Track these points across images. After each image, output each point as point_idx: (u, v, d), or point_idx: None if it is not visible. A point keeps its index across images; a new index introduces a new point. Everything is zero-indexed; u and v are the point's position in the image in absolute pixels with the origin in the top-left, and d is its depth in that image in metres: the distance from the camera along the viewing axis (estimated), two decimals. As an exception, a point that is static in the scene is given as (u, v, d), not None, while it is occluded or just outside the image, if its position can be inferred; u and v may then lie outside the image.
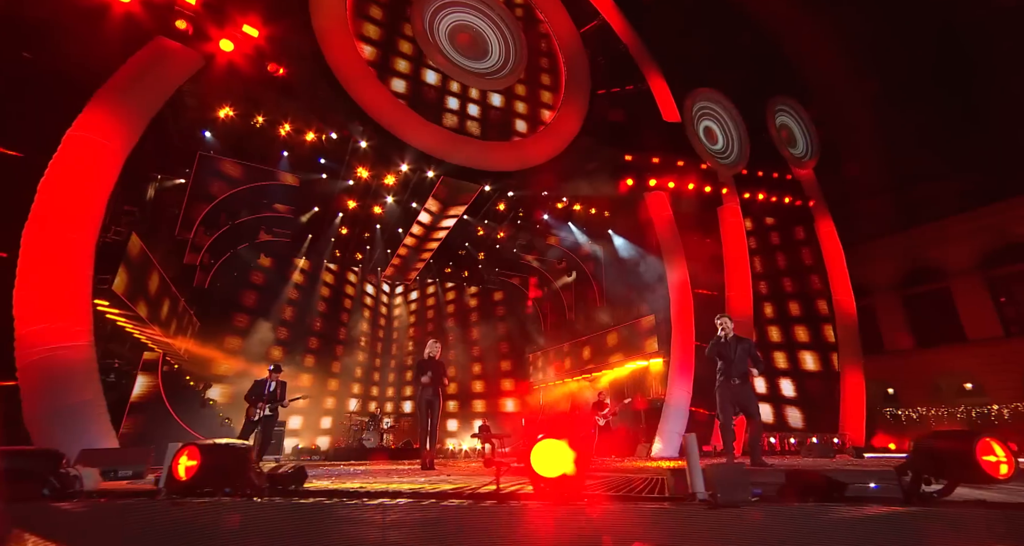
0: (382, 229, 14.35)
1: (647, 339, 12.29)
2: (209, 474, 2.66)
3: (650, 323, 12.35)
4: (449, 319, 17.54)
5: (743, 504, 2.21)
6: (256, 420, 6.80)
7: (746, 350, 5.63)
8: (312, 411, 14.17)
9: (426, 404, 6.54)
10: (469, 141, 11.52)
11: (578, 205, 13.92)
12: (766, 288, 15.89)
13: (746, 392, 5.53)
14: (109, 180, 8.06)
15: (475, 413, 16.24)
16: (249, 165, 11.35)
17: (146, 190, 10.01)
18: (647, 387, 12.36)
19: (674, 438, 10.27)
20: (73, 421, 6.78)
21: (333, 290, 16.18)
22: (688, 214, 13.91)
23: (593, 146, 13.37)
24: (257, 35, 9.78)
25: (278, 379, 7.20)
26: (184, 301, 12.19)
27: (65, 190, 7.54)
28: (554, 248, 15.38)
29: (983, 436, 2.39)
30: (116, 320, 9.05)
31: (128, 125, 8.40)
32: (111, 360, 8.83)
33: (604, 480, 3.70)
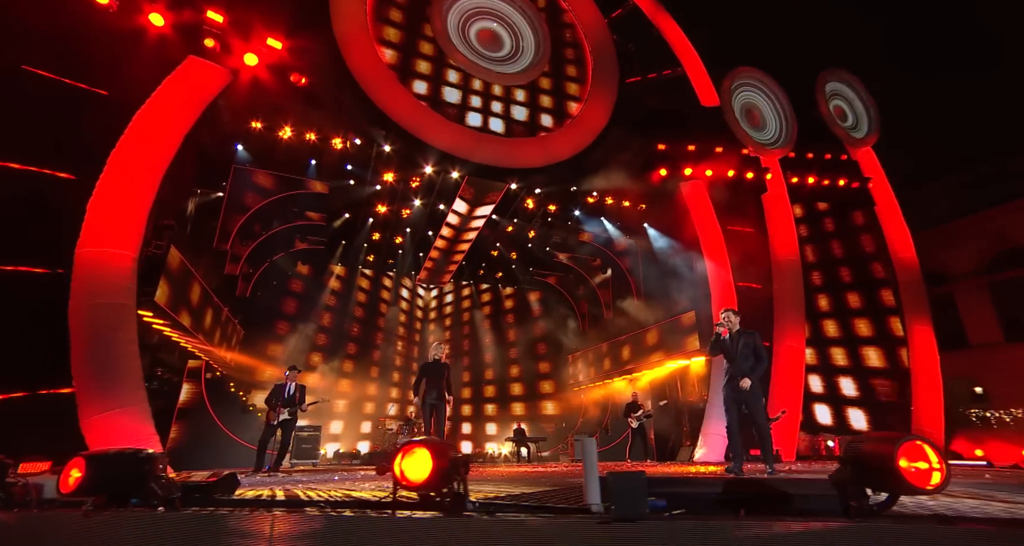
0: (412, 232, 14.68)
1: (688, 337, 11.93)
2: (97, 485, 2.66)
3: (691, 320, 11.98)
4: (485, 321, 17.70)
5: (639, 518, 2.01)
6: (275, 424, 7.09)
7: (749, 345, 5.32)
8: (352, 415, 14.69)
9: (430, 408, 6.61)
10: (492, 139, 11.60)
11: (610, 199, 13.71)
12: (820, 279, 15.06)
13: (751, 391, 5.22)
14: (149, 196, 8.70)
15: (514, 416, 16.29)
16: (280, 175, 11.93)
17: (186, 205, 10.74)
18: (689, 387, 12.01)
19: (719, 441, 9.92)
20: (121, 428, 7.37)
21: (369, 295, 16.72)
22: (729, 203, 13.40)
23: (623, 137, 13.14)
24: (280, 47, 10.29)
25: (297, 382, 7.48)
26: (228, 310, 12.97)
27: (110, 208, 8.19)
28: (587, 245, 15.21)
29: (910, 439, 2.12)
30: (162, 330, 9.75)
31: (165, 143, 9.04)
32: (157, 369, 9.50)
33: (542, 490, 3.52)
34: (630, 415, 11.13)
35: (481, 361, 17.12)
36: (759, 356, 5.29)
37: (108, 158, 8.43)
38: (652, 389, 13.55)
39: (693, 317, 11.89)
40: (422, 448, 2.47)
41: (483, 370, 17.13)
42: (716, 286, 11.98)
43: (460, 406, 16.65)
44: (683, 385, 12.30)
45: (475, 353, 17.14)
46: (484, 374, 17.15)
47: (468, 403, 16.75)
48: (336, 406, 14.74)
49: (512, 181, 11.86)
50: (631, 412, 11.14)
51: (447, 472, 2.43)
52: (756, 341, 5.34)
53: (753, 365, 5.25)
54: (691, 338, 11.79)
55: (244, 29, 10.00)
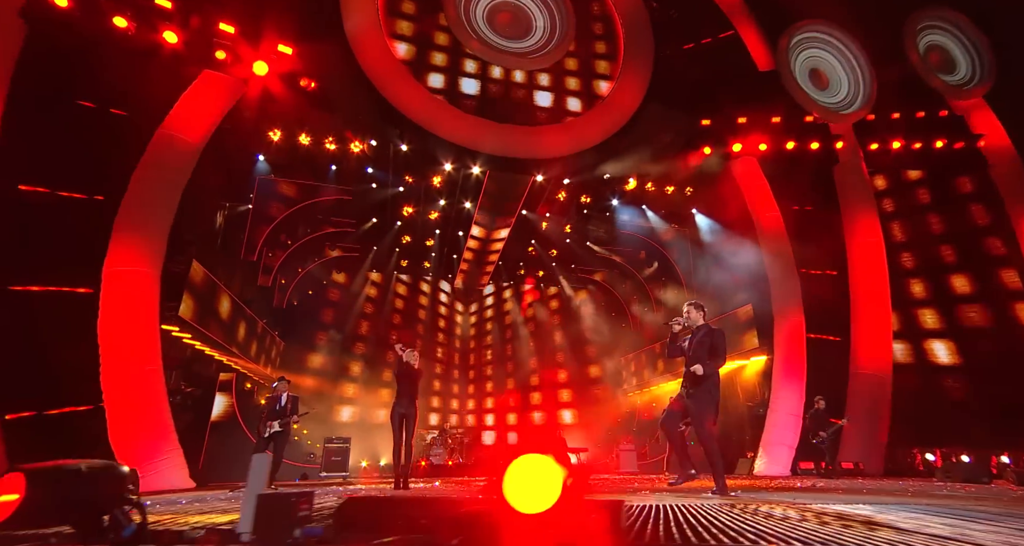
0: (441, 234, 14.82)
1: (745, 333, 11.12)
2: (41, 510, 2.12)
3: (748, 314, 11.17)
4: (529, 324, 17.54)
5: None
6: (267, 437, 7.31)
7: (704, 344, 4.76)
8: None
9: (399, 417, 6.52)
10: (513, 128, 11.43)
11: (651, 185, 13.09)
12: (913, 261, 13.51)
13: (696, 394, 4.65)
14: (170, 213, 9.36)
15: (563, 425, 15.98)
16: (302, 183, 12.44)
17: (214, 218, 11.46)
18: (749, 390, 11.19)
19: (782, 452, 9.14)
20: (145, 441, 7.95)
21: (406, 301, 17.07)
22: (790, 180, 12.40)
23: (662, 115, 12.51)
24: (291, 52, 10.71)
25: (288, 393, 7.69)
26: (265, 323, 13.71)
27: (133, 226, 8.87)
28: (629, 237, 14.63)
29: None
30: (193, 344, 10.44)
31: (184, 159, 9.67)
32: (188, 382, 10.17)
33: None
34: None
35: (525, 366, 16.97)
36: (714, 353, 4.74)
37: (131, 178, 9.13)
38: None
39: (750, 311, 11.08)
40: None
41: (528, 376, 16.96)
42: (777, 275, 11.10)
43: (504, 414, 16.58)
44: (742, 388, 11.48)
45: (518, 358, 17.01)
46: (529, 380, 16.97)
47: (514, 411, 16.66)
48: (376, 417, 15.16)
49: (537, 172, 11.63)
50: None
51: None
52: (715, 339, 4.79)
53: (702, 358, 4.72)
54: (749, 335, 10.98)
55: (255, 38, 10.49)
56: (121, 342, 8.24)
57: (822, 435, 8.63)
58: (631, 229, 14.22)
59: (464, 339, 17.79)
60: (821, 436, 8.63)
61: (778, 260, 11.16)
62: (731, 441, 10.65)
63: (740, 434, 10.69)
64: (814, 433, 8.76)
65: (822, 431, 8.64)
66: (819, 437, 8.66)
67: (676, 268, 14.08)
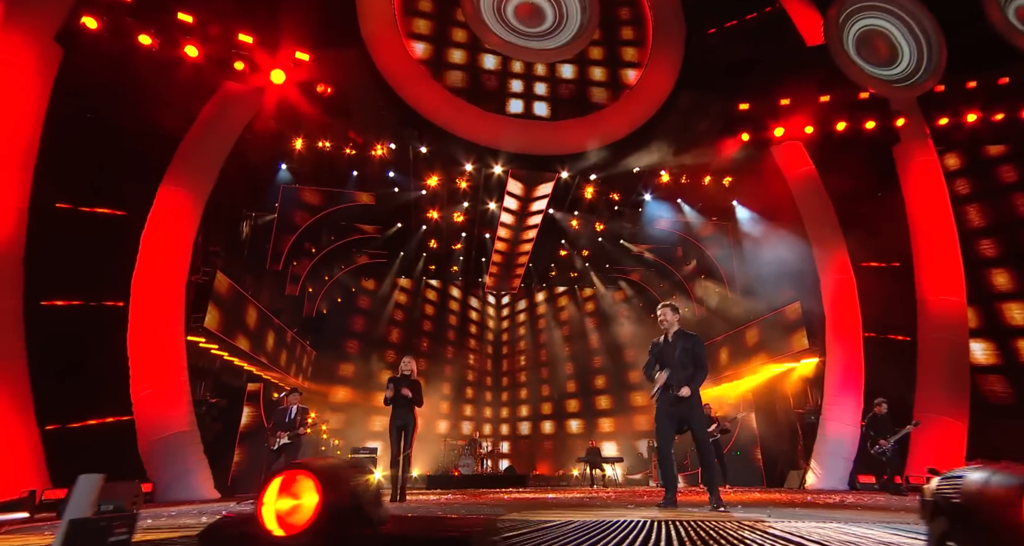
0: (468, 238, 14.79)
1: (794, 334, 10.47)
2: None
3: (796, 313, 10.51)
4: (563, 328, 17.25)
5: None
6: (276, 449, 7.41)
7: (688, 351, 4.64)
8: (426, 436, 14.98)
9: (398, 428, 6.45)
10: (534, 125, 11.25)
11: (685, 177, 12.58)
12: (995, 249, 12.34)
13: (689, 405, 4.53)
14: (194, 225, 9.72)
15: (602, 433, 15.59)
16: (325, 190, 12.69)
17: (240, 228, 11.85)
18: (799, 395, 10.51)
19: (837, 464, 8.50)
20: (172, 452, 8.24)
21: (437, 307, 17.16)
22: (841, 164, 11.62)
23: (696, 101, 12.02)
24: (308, 59, 10.93)
25: (299, 405, 7.77)
26: (295, 332, 14.08)
27: (159, 240, 9.25)
28: (665, 233, 14.11)
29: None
30: (222, 355, 10.81)
31: (206, 172, 10.02)
32: (216, 393, 10.52)
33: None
34: None
35: (561, 372, 16.68)
36: (699, 364, 4.65)
37: (156, 192, 9.54)
38: (756, 398, 12.10)
39: (798, 309, 10.43)
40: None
41: (564, 382, 16.67)
42: (828, 269, 10.40)
43: (541, 423, 16.36)
44: (792, 392, 10.80)
45: (554, 364, 16.74)
46: (566, 387, 16.67)
47: (550, 419, 16.40)
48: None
49: (561, 169, 11.38)
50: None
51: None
52: (696, 346, 4.70)
53: (692, 374, 4.62)
54: (798, 335, 10.33)
55: (272, 47, 10.76)
56: (149, 354, 8.60)
57: (883, 444, 7.88)
58: (666, 225, 13.73)
59: (496, 345, 17.68)
60: (882, 445, 7.88)
61: (829, 253, 10.45)
62: (780, 452, 10.03)
63: (790, 444, 10.04)
64: (873, 441, 8.03)
65: (883, 439, 7.89)
66: (879, 446, 7.91)
67: (716, 264, 13.46)
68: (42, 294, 8.41)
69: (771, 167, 11.60)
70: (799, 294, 10.57)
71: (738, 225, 12.61)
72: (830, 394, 9.38)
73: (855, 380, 9.39)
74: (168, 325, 8.90)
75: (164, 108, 9.94)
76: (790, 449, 10.07)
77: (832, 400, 9.23)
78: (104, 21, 9.67)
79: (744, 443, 11.92)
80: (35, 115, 8.87)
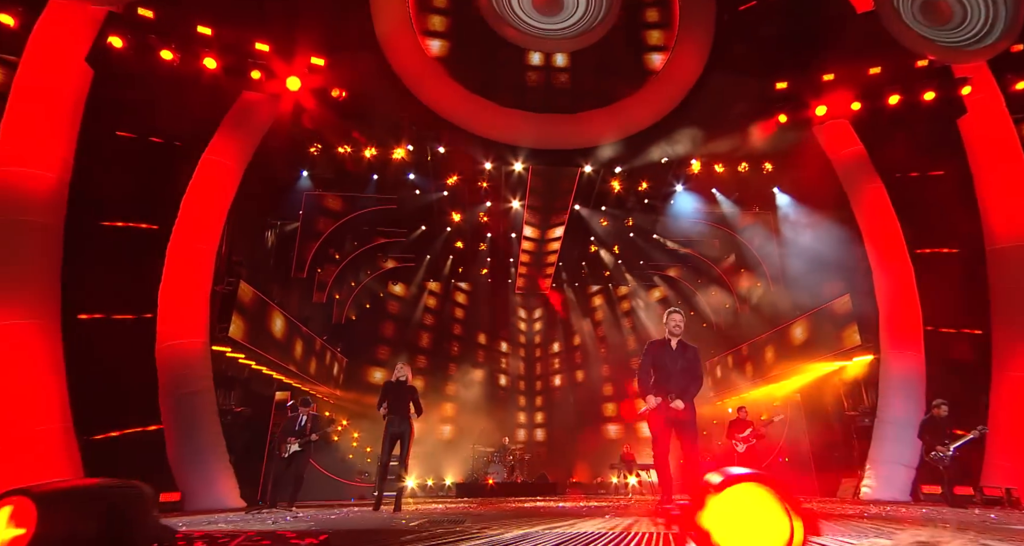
0: (493, 238, 14.73)
1: (844, 329, 9.88)
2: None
3: (845, 306, 9.92)
4: (598, 328, 16.94)
5: None
6: (286, 457, 7.49)
7: (690, 360, 4.72)
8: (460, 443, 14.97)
9: (391, 438, 6.44)
10: (553, 118, 11.05)
11: (720, 165, 12.10)
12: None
13: (687, 414, 4.58)
14: (216, 236, 10.03)
15: (642, 439, 15.20)
16: (347, 196, 12.89)
17: (263, 238, 12.18)
18: (852, 396, 9.90)
19: (896, 472, 7.93)
20: (198, 461, 8.51)
21: (467, 310, 17.17)
22: (894, 142, 10.90)
23: (728, 83, 11.53)
24: (323, 63, 11.11)
25: (309, 413, 7.85)
26: (324, 339, 14.37)
27: (184, 251, 9.60)
28: (700, 226, 13.61)
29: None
30: (249, 364, 11.12)
31: (227, 182, 10.32)
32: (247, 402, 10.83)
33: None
34: (734, 437, 9.58)
35: (597, 375, 16.38)
36: (697, 375, 4.74)
37: (180, 205, 9.90)
38: (804, 400, 11.49)
39: (848, 303, 9.83)
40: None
41: (600, 385, 16.35)
42: (881, 258, 9.75)
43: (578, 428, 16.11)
44: (845, 393, 10.19)
45: (590, 366, 16.46)
46: (602, 389, 16.36)
47: (587, 424, 16.11)
48: (441, 432, 15.34)
49: (584, 163, 11.16)
50: (737, 432, 9.60)
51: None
52: (696, 358, 4.80)
53: (688, 385, 4.67)
54: (848, 331, 9.74)
55: (287, 54, 11.01)
56: (175, 364, 8.93)
57: (941, 450, 7.25)
58: (701, 217, 13.25)
59: (529, 347, 17.54)
60: (939, 451, 7.25)
61: (882, 240, 9.81)
62: (833, 458, 9.48)
63: (843, 450, 9.47)
64: (929, 447, 7.41)
65: (941, 445, 7.26)
66: (936, 452, 7.28)
67: (758, 257, 12.89)
68: (79, 308, 8.88)
69: (813, 149, 11.00)
70: (848, 286, 9.96)
71: (779, 214, 12.03)
72: (886, 394, 8.78)
73: (915, 379, 8.75)
74: (193, 336, 9.20)
75: (187, 121, 10.31)
76: (844, 455, 9.49)
77: (889, 401, 8.63)
78: (128, 39, 10.11)
79: (794, 449, 11.34)
80: (68, 136, 9.36)
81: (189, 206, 9.85)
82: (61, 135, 9.20)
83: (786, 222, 11.83)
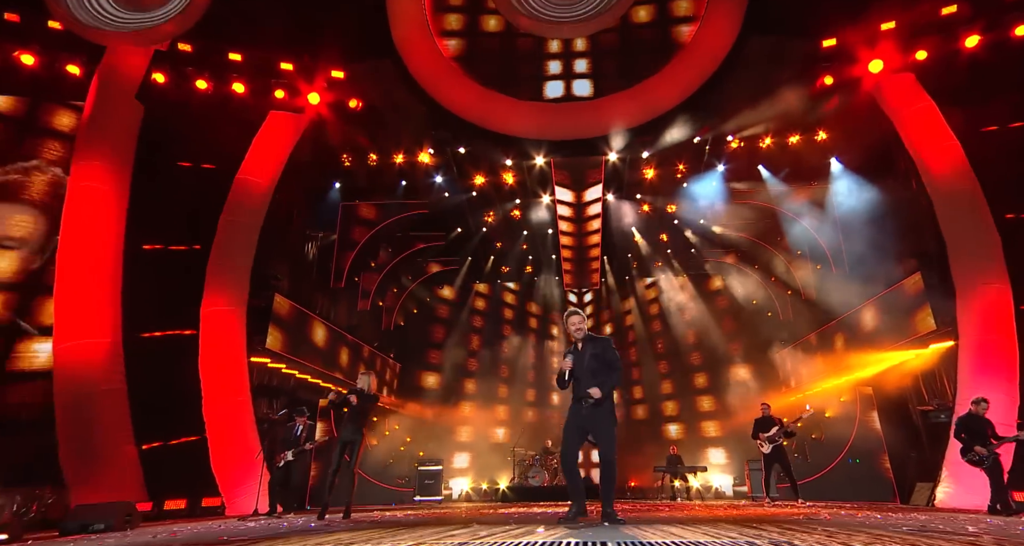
0: (530, 235, 14.46)
1: (916, 312, 8.69)
2: None
3: (916, 286, 8.72)
4: (654, 322, 16.15)
5: None
6: (281, 466, 7.67)
7: (597, 356, 4.41)
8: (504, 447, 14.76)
9: (343, 444, 6.39)
10: (572, 107, 10.64)
11: (768, 138, 11.11)
12: None
13: (599, 415, 4.30)
14: (251, 252, 10.58)
15: (706, 439, 14.31)
16: (379, 203, 13.17)
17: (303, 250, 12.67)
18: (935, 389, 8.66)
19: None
20: (238, 467, 8.99)
21: (516, 310, 17.01)
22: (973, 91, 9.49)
23: (768, 48, 10.61)
24: (343, 76, 11.40)
25: (305, 422, 7.99)
26: (375, 346, 14.78)
27: (221, 269, 10.20)
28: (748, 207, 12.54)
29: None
30: (293, 373, 11.62)
31: (259, 199, 10.88)
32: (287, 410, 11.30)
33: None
34: (759, 435, 8.66)
35: (655, 371, 15.62)
36: (612, 367, 4.44)
37: (217, 225, 10.54)
38: (876, 394, 10.23)
39: (919, 281, 8.64)
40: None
41: (659, 382, 15.57)
42: (957, 227, 8.49)
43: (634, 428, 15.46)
44: (924, 385, 8.94)
45: (646, 363, 15.72)
46: (660, 387, 15.57)
47: (644, 425, 15.42)
48: (494, 435, 15.28)
49: (608, 151, 10.66)
50: (761, 431, 8.67)
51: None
52: (606, 350, 4.49)
53: (604, 379, 4.38)
54: (921, 314, 8.57)
55: (310, 71, 11.42)
56: (217, 377, 9.51)
57: (981, 451, 6.34)
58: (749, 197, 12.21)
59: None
60: (979, 452, 6.36)
61: (958, 206, 8.54)
62: (910, 459, 8.35)
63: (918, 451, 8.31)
64: (967, 447, 6.47)
65: (980, 446, 6.40)
66: (975, 453, 6.38)
67: (816, 237, 11.68)
68: (136, 327, 9.71)
69: (871, 110, 9.82)
70: (919, 262, 8.77)
71: (835, 188, 10.84)
72: (966, 386, 7.60)
73: (1004, 367, 7.50)
74: (232, 349, 9.76)
75: (221, 145, 10.98)
76: (921, 456, 8.33)
77: (969, 394, 7.45)
78: (169, 73, 10.96)
79: (866, 449, 10.13)
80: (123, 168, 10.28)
81: (225, 225, 10.45)
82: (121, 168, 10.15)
83: (843, 196, 10.62)
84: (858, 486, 9.49)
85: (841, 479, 10.27)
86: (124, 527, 5.58)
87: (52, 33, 10.63)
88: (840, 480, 10.24)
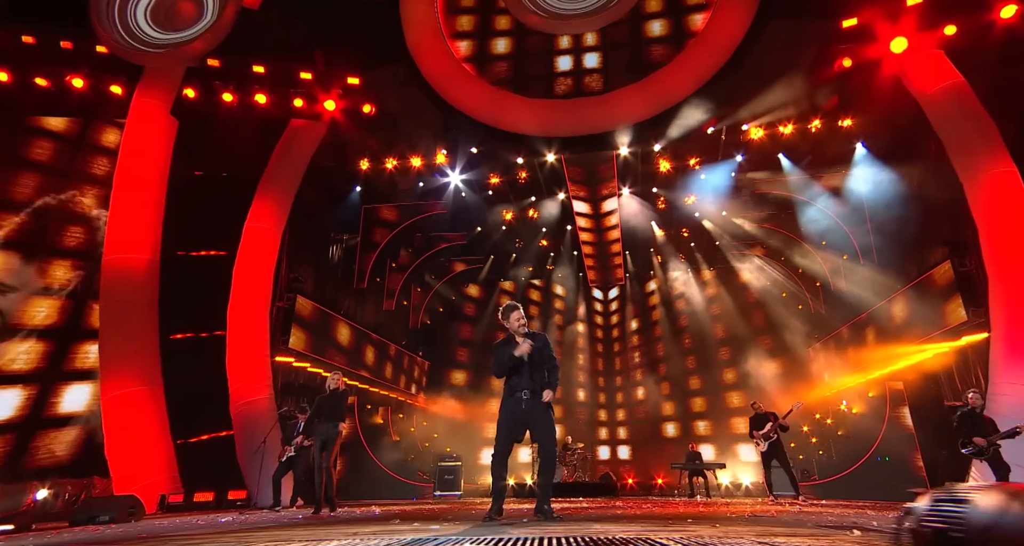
0: (548, 232, 14.39)
1: (947, 303, 8.19)
2: None
3: (946, 276, 8.23)
4: (681, 318, 15.80)
5: None
6: (284, 461, 7.96)
7: (539, 351, 4.32)
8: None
9: (322, 442, 6.43)
10: (581, 103, 10.54)
11: (788, 125, 10.69)
12: None
13: (538, 412, 4.24)
14: (273, 256, 10.98)
15: (735, 435, 13.90)
16: (400, 205, 13.40)
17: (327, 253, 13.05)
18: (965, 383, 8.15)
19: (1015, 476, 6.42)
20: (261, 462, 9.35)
21: (541, 307, 16.97)
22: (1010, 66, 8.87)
23: (784, 32, 10.23)
24: (358, 82, 11.64)
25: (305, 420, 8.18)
26: (402, 345, 15.07)
27: (248, 272, 10.62)
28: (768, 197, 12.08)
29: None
30: (318, 372, 11.98)
31: (281, 205, 11.27)
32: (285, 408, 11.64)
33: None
34: (754, 433, 8.33)
35: (682, 367, 15.28)
36: (552, 364, 4.43)
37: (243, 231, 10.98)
38: (908, 388, 9.68)
39: (949, 270, 8.15)
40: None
41: (687, 379, 15.23)
42: (990, 212, 7.96)
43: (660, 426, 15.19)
44: (957, 379, 8.43)
45: (673, 359, 15.39)
46: (688, 383, 15.22)
47: (672, 421, 15.12)
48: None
49: (619, 145, 10.51)
50: (756, 429, 8.33)
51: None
52: (546, 346, 4.46)
53: (549, 377, 4.36)
54: (952, 304, 8.08)
55: (327, 78, 11.73)
56: (243, 376, 9.93)
57: (979, 442, 6.00)
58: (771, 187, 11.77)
59: (607, 342, 16.88)
60: (978, 444, 6.02)
61: (991, 188, 8.01)
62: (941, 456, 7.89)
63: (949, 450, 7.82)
64: (967, 439, 6.15)
65: (978, 438, 6.01)
66: (975, 445, 6.05)
67: (844, 227, 11.14)
68: (171, 329, 10.26)
69: (895, 90, 9.31)
70: (949, 250, 8.27)
71: (859, 175, 10.32)
72: (997, 379, 7.12)
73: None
74: (257, 349, 10.16)
75: (246, 155, 11.44)
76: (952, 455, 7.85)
77: (1001, 387, 6.98)
78: (198, 88, 11.52)
79: (897, 446, 9.61)
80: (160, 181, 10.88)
81: (250, 231, 10.88)
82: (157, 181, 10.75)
83: (868, 183, 10.10)
84: (890, 485, 9.02)
85: (872, 477, 9.80)
86: (127, 519, 5.94)
87: (97, 57, 11.39)
88: (870, 478, 9.76)
